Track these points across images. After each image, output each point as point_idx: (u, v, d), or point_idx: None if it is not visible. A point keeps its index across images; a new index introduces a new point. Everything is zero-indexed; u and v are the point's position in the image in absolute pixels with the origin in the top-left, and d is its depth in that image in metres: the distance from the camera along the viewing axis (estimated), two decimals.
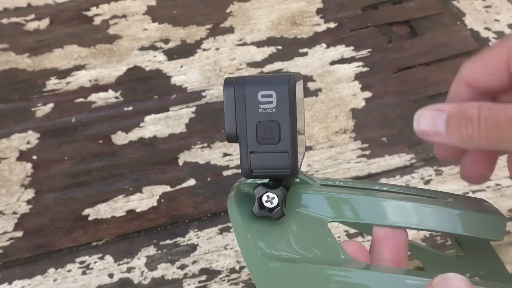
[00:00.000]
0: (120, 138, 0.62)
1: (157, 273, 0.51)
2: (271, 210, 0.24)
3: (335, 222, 0.26)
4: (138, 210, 0.55)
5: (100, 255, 0.52)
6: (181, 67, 0.70)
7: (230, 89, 0.23)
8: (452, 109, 0.24)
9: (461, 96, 0.28)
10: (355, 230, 0.52)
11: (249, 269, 0.22)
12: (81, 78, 0.69)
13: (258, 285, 0.22)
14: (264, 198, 0.24)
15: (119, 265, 0.51)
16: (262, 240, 0.23)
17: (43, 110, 0.65)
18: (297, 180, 0.27)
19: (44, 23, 0.76)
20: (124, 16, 0.77)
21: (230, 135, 0.24)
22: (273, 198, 0.24)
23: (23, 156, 0.60)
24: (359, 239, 0.52)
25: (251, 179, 0.26)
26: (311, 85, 0.67)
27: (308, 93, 0.66)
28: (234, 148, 0.61)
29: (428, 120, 0.24)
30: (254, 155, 0.24)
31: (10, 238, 0.54)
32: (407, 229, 0.26)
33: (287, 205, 0.24)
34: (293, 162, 0.24)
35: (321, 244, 0.24)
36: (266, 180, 0.25)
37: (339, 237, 0.52)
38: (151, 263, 0.51)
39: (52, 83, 0.68)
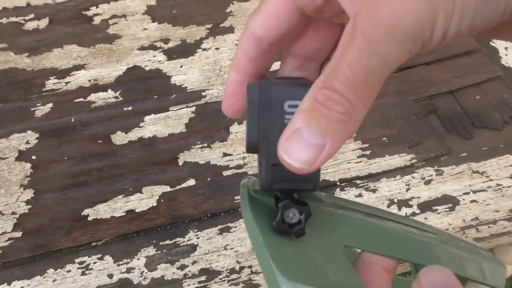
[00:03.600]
0: (119, 138, 0.62)
1: (156, 274, 0.51)
2: (291, 226, 0.23)
3: (349, 246, 0.25)
4: (137, 210, 0.55)
5: (100, 255, 0.52)
6: (181, 67, 0.70)
7: (255, 96, 0.22)
8: (304, 114, 0.19)
9: (251, 55, 0.24)
10: None
11: (268, 285, 0.22)
12: (81, 78, 0.68)
13: None
14: (286, 213, 0.23)
15: (118, 265, 0.51)
16: (280, 256, 0.22)
17: (42, 110, 0.65)
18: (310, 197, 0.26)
19: (43, 22, 0.76)
20: (124, 15, 0.77)
21: (251, 144, 0.23)
22: (295, 214, 0.23)
23: (22, 156, 0.60)
24: None
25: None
26: None
27: None
28: (234, 148, 0.60)
29: (298, 145, 0.20)
30: (276, 168, 0.22)
31: (9, 239, 0.53)
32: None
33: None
34: (315, 176, 0.23)
35: (336, 268, 0.23)
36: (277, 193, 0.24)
37: None
38: (150, 264, 0.51)
39: (52, 83, 0.68)
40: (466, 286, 0.79)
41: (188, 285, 0.50)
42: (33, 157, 0.60)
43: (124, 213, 0.55)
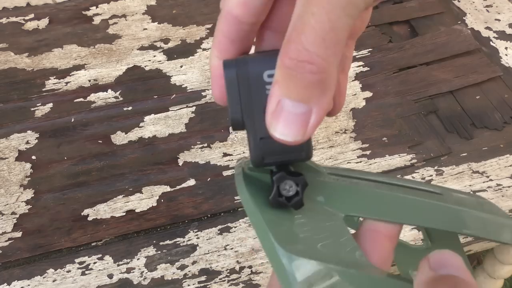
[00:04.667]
0: (119, 138, 0.62)
1: (156, 274, 0.51)
2: (289, 199, 0.22)
3: (350, 216, 0.24)
4: (137, 210, 0.55)
5: (100, 255, 0.52)
6: (181, 66, 0.70)
7: (232, 71, 0.21)
8: (279, 85, 0.18)
9: (232, 37, 0.23)
10: None
11: (270, 261, 0.21)
12: (81, 78, 0.68)
13: (280, 279, 0.20)
14: (282, 186, 0.22)
15: (118, 265, 0.51)
16: (280, 231, 0.21)
17: (42, 110, 0.65)
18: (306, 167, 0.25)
19: (43, 22, 0.76)
20: (124, 15, 0.77)
21: (235, 121, 0.22)
22: (291, 186, 0.22)
23: (22, 156, 0.60)
24: None
25: None
26: None
27: None
28: (234, 148, 0.60)
29: (284, 118, 0.19)
30: (264, 141, 0.21)
31: (9, 239, 0.53)
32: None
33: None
34: (307, 144, 0.22)
35: (337, 240, 0.22)
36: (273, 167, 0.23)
37: None
38: (150, 264, 0.51)
39: (52, 83, 0.68)
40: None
41: (188, 285, 0.50)
42: (33, 157, 0.60)
43: (124, 213, 0.55)
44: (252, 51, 0.24)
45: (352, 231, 0.25)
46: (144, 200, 0.56)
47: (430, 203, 0.25)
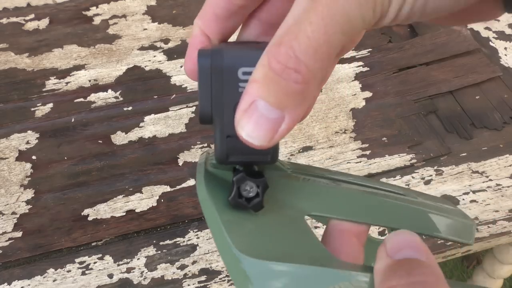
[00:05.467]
0: (119, 138, 0.62)
1: (157, 273, 0.51)
2: (248, 200, 0.22)
3: (311, 216, 0.24)
4: (137, 210, 0.55)
5: (100, 255, 0.52)
6: (181, 67, 0.70)
7: (206, 61, 0.20)
8: (258, 85, 0.18)
9: (218, 13, 0.23)
10: None
11: (226, 265, 0.20)
12: (81, 78, 0.68)
13: (236, 283, 0.20)
14: (243, 186, 0.22)
15: (118, 265, 0.51)
16: (238, 233, 0.20)
17: (42, 110, 0.65)
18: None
19: (43, 23, 0.76)
20: (124, 16, 0.77)
21: (204, 115, 0.21)
22: (252, 187, 0.22)
23: (22, 156, 0.60)
24: None
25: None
26: None
27: None
28: None
29: (255, 119, 0.18)
30: (231, 139, 0.21)
31: (10, 239, 0.53)
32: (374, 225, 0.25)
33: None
34: (273, 148, 0.21)
35: (298, 240, 0.22)
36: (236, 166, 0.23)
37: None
38: (150, 264, 0.51)
39: (52, 83, 0.68)
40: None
41: (188, 285, 0.50)
42: (33, 157, 0.60)
43: (124, 213, 0.55)
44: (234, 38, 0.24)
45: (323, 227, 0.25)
46: (144, 200, 0.56)
47: (393, 203, 0.25)
